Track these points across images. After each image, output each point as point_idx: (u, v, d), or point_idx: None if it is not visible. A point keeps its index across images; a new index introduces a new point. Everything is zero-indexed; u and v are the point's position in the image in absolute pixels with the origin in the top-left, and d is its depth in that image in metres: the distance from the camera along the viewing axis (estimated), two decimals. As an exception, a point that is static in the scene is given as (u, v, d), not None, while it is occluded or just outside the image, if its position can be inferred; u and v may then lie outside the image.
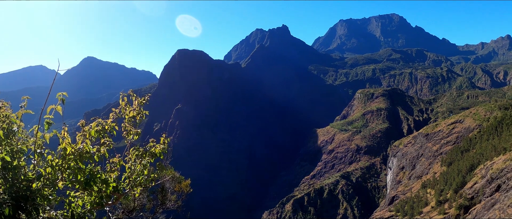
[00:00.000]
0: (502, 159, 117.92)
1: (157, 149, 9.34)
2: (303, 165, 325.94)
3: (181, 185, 16.19)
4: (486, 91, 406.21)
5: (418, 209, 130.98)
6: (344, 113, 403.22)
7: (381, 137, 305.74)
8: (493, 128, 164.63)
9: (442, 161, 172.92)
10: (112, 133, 8.65)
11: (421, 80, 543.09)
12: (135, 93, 9.94)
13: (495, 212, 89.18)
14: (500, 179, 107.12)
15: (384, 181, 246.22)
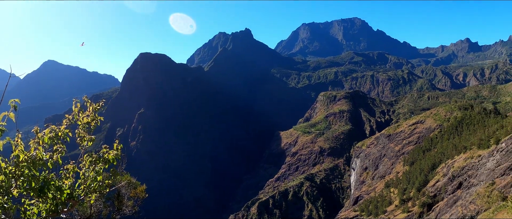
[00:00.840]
0: (462, 157, 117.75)
1: (110, 155, 9.09)
2: (267, 167, 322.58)
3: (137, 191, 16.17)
4: (446, 92, 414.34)
5: (382, 208, 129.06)
6: (307, 115, 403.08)
7: (344, 138, 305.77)
8: (453, 127, 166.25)
9: (404, 161, 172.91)
10: (65, 140, 8.57)
11: (383, 82, 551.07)
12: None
13: (457, 209, 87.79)
14: (461, 177, 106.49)
15: (348, 182, 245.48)
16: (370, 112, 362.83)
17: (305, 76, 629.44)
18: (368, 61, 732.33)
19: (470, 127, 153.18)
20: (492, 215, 58.68)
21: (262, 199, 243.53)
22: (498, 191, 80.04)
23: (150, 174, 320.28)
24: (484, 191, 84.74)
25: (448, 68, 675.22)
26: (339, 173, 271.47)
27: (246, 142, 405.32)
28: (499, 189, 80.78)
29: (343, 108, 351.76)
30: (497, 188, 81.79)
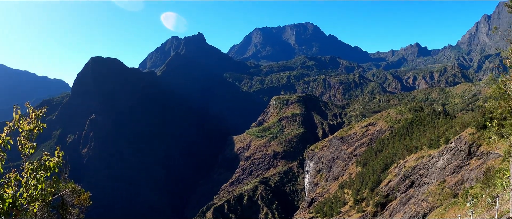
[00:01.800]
0: (414, 157, 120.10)
1: (52, 163, 8.86)
2: (222, 172, 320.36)
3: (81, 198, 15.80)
4: (396, 95, 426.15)
5: (337, 209, 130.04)
6: (260, 119, 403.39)
7: (297, 141, 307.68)
8: (404, 128, 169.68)
9: (357, 162, 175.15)
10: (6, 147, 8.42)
11: (335, 86, 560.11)
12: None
13: (410, 207, 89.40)
14: (413, 176, 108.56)
15: (302, 184, 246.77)
16: (323, 115, 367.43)
17: (258, 80, 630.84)
18: (320, 66, 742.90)
19: (421, 128, 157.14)
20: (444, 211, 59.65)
21: (217, 204, 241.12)
22: (449, 188, 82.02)
23: (102, 181, 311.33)
24: (435, 189, 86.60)
25: (399, 72, 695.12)
26: (293, 176, 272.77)
27: (199, 147, 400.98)
28: (450, 186, 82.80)
29: (296, 112, 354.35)
30: (448, 186, 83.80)
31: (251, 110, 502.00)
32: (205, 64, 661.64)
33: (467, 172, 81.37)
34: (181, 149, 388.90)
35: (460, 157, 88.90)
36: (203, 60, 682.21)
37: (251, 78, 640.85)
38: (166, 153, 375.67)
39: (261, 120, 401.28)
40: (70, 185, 15.50)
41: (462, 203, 49.33)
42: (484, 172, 66.21)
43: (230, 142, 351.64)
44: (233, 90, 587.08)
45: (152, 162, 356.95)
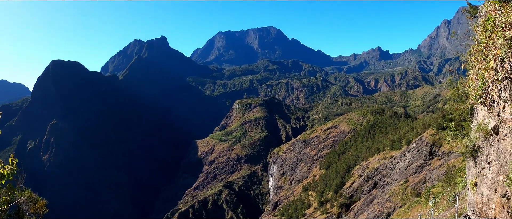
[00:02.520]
0: (376, 159, 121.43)
1: (6, 170, 8.63)
2: (185, 177, 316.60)
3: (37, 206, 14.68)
4: (358, 98, 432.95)
5: (301, 211, 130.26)
6: (223, 123, 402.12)
7: (261, 145, 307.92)
8: (366, 131, 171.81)
9: (320, 164, 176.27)
10: None
11: (297, 89, 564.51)
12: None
13: (374, 207, 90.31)
14: (376, 177, 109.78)
15: (267, 188, 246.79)
16: (286, 118, 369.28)
17: (221, 84, 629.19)
18: (283, 69, 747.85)
19: (382, 130, 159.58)
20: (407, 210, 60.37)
21: (181, 209, 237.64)
22: (411, 188, 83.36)
23: (64, 188, 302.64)
24: (398, 189, 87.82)
25: (361, 75, 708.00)
26: (257, 179, 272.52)
27: (163, 151, 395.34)
28: (412, 186, 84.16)
29: (259, 116, 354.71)
30: (410, 185, 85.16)
31: (214, 114, 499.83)
32: (168, 68, 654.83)
33: (429, 172, 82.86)
34: (144, 154, 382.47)
35: (422, 157, 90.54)
36: (166, 64, 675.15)
37: (214, 82, 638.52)
38: (129, 158, 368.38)
39: (224, 123, 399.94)
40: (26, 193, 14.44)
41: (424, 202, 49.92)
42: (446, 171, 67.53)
43: (194, 146, 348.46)
44: (196, 94, 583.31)
45: (115, 167, 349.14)
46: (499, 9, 6.83)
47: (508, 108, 6.72)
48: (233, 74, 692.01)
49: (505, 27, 6.29)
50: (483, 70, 7.63)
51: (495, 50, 6.95)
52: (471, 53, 8.54)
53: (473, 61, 8.40)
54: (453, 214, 22.76)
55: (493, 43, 7.12)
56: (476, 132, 8.40)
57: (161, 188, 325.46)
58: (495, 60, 6.95)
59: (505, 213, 7.05)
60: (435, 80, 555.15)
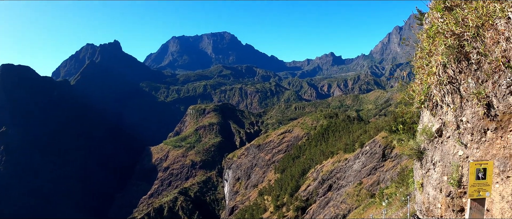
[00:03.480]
0: (330, 162, 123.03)
1: None
2: (140, 184, 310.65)
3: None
4: (312, 102, 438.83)
5: (258, 216, 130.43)
6: (177, 129, 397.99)
7: (215, 150, 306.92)
8: (320, 135, 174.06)
9: (275, 169, 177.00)
10: None
11: (251, 94, 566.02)
12: None
13: (330, 209, 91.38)
14: (330, 180, 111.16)
15: (222, 193, 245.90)
16: (240, 123, 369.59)
17: (175, 90, 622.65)
18: (236, 75, 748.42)
19: (336, 134, 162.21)
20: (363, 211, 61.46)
21: (137, 217, 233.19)
22: (366, 189, 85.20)
23: (16, 199, 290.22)
24: (353, 191, 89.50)
25: (314, 80, 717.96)
26: (213, 185, 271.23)
27: (117, 158, 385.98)
28: (367, 187, 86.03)
29: (213, 121, 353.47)
30: (365, 187, 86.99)
31: (168, 120, 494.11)
32: (121, 73, 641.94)
33: (382, 173, 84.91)
34: (97, 161, 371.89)
35: (375, 159, 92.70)
36: (119, 69, 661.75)
37: (167, 88, 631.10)
38: (82, 165, 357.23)
39: (178, 129, 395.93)
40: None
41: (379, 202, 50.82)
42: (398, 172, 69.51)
43: (148, 153, 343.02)
44: (150, 100, 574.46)
45: (68, 175, 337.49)
46: (442, 17, 7.16)
47: (450, 111, 7.05)
48: (187, 80, 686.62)
49: (447, 34, 6.60)
50: (426, 76, 7.97)
51: (437, 56, 7.27)
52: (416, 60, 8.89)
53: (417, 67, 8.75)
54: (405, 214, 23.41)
55: (435, 50, 7.46)
56: (421, 135, 8.76)
57: (116, 195, 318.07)
58: (438, 66, 7.29)
59: (450, 212, 7.39)
60: (387, 85, 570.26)
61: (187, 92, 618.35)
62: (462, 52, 6.42)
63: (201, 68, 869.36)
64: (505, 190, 5.29)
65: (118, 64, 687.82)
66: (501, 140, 5.53)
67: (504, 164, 5.32)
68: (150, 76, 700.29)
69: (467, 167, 5.38)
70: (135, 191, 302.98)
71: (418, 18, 10.53)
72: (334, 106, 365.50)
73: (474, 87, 6.14)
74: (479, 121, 6.02)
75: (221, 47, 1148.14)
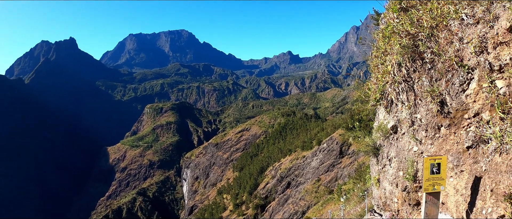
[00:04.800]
0: (288, 159, 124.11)
1: None
2: (97, 186, 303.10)
3: None
4: (269, 101, 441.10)
5: (217, 215, 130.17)
6: (134, 128, 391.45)
7: (173, 150, 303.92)
8: (278, 132, 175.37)
9: (234, 167, 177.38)
10: None
11: (209, 93, 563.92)
12: None
13: (289, 206, 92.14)
14: (289, 177, 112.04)
15: (181, 193, 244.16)
16: (197, 122, 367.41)
17: (131, 88, 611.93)
18: (194, 73, 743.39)
19: (294, 131, 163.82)
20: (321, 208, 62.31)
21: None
22: (324, 186, 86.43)
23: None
24: (311, 188, 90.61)
25: (271, 78, 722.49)
26: (171, 185, 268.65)
27: (73, 160, 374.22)
28: (325, 184, 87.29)
29: (170, 120, 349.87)
30: (323, 184, 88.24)
31: (125, 119, 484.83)
32: (77, 71, 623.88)
33: (340, 170, 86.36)
34: (53, 164, 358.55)
35: (333, 156, 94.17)
36: (75, 67, 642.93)
37: (124, 86, 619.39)
38: (38, 168, 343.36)
39: (136, 129, 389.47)
40: None
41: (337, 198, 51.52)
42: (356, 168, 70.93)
43: (105, 153, 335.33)
44: (106, 99, 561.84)
45: (23, 179, 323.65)
46: (398, 18, 7.34)
47: (405, 109, 7.25)
48: (144, 78, 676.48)
49: (402, 34, 6.76)
50: (382, 74, 8.16)
51: (392, 55, 7.46)
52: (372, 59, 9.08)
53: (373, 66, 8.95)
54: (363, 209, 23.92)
55: (391, 49, 7.64)
56: (377, 132, 8.98)
57: (73, 198, 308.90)
58: (393, 65, 7.47)
59: (407, 205, 7.61)
60: (343, 83, 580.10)
61: (144, 91, 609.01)
62: (417, 52, 6.56)
63: (159, 66, 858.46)
64: (459, 183, 5.44)
65: (74, 62, 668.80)
66: (455, 135, 5.72)
67: (458, 159, 5.44)
68: (107, 74, 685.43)
69: (422, 162, 5.57)
70: (93, 193, 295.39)
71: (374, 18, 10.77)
72: (291, 104, 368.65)
73: (428, 86, 6.31)
74: (433, 118, 6.20)
75: (178, 45, 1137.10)
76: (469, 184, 5.06)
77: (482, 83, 4.73)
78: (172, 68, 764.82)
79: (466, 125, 5.42)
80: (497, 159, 4.38)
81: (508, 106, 4.18)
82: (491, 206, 4.45)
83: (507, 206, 4.12)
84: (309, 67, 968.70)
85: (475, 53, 5.00)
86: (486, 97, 4.70)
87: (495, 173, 4.38)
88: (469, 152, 5.21)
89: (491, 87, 4.55)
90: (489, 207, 4.48)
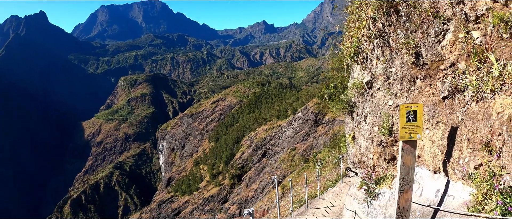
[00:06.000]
0: (264, 129, 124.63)
1: None
2: (73, 162, 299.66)
3: None
4: (244, 70, 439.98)
5: (195, 186, 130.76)
6: (109, 102, 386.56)
7: (148, 122, 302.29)
8: (253, 102, 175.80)
9: (209, 138, 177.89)
10: None
11: (183, 64, 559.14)
12: None
13: (265, 175, 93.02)
14: (265, 146, 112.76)
15: (158, 165, 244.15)
16: (172, 93, 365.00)
17: (104, 61, 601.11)
18: (168, 44, 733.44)
19: (269, 101, 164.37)
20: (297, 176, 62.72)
21: (73, 196, 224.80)
22: (299, 155, 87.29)
23: None
24: (287, 157, 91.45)
25: (246, 48, 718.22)
26: (148, 157, 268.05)
27: (48, 137, 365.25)
28: (300, 153, 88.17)
29: (145, 92, 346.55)
30: (298, 152, 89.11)
31: (99, 93, 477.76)
32: (48, 46, 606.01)
33: (315, 139, 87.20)
34: (28, 143, 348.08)
35: (308, 125, 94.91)
36: (46, 41, 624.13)
37: (97, 59, 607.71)
38: (12, 149, 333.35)
39: (110, 102, 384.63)
40: None
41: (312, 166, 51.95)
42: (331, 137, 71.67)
43: (79, 128, 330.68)
44: (79, 73, 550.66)
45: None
46: (372, -29, 7.15)
47: (380, 64, 7.14)
48: (117, 50, 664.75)
49: (376, -12, 6.60)
50: (356, 29, 8.00)
51: (367, 10, 7.29)
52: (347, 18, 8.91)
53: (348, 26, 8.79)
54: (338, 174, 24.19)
55: (366, 4, 7.47)
56: (352, 89, 8.88)
57: (50, 175, 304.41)
58: (368, 19, 7.31)
59: (382, 161, 7.57)
60: (318, 53, 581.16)
61: (117, 63, 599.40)
62: (392, 5, 6.44)
63: (132, 38, 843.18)
64: (435, 135, 5.41)
65: (45, 37, 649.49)
66: (430, 87, 5.66)
67: (434, 110, 5.40)
68: (79, 48, 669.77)
69: (397, 116, 5.46)
70: (70, 169, 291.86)
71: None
72: (266, 74, 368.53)
73: (403, 38, 6.18)
74: (408, 70, 6.11)
75: (152, 16, 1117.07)
76: (445, 135, 5.10)
77: (458, 34, 4.73)
78: (146, 39, 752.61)
79: (442, 76, 5.35)
80: (474, 107, 4.41)
81: (484, 56, 4.10)
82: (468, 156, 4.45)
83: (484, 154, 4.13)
84: (284, 37, 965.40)
85: (451, 4, 5.02)
86: (462, 48, 4.74)
87: (472, 122, 4.40)
88: (445, 102, 5.18)
89: (467, 38, 4.52)
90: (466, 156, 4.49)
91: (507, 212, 3.31)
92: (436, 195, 5.33)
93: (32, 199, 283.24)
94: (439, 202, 5.16)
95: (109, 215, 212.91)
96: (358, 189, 8.87)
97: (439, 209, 4.96)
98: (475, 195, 4.03)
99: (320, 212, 13.57)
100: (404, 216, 5.03)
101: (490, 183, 3.99)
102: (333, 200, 16.07)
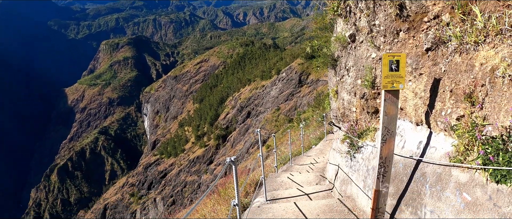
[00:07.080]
0: (248, 89, 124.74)
1: None
2: (58, 129, 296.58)
3: None
4: (228, 31, 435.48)
5: (180, 148, 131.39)
6: (91, 67, 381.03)
7: (132, 85, 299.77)
8: (236, 63, 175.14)
9: (194, 99, 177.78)
10: None
11: (165, 25, 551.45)
12: None
13: (250, 136, 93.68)
14: (249, 107, 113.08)
15: (143, 128, 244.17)
16: (155, 56, 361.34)
17: (85, 25, 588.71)
18: (150, 5, 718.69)
19: (253, 61, 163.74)
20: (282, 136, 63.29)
21: (60, 164, 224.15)
22: (284, 114, 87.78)
23: None
24: (271, 117, 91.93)
25: (229, 8, 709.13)
26: (132, 121, 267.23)
27: (30, 106, 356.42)
28: (285, 113, 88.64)
29: (127, 55, 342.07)
30: (282, 112, 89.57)
31: (81, 58, 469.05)
32: (26, 13, 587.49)
33: (299, 99, 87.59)
34: (10, 113, 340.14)
35: (292, 85, 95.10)
36: (24, 8, 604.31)
37: (77, 24, 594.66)
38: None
39: (92, 67, 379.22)
40: None
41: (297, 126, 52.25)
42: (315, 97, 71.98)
43: (62, 95, 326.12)
44: (60, 39, 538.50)
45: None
46: None
47: (363, 17, 7.06)
48: (98, 14, 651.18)
49: None
50: (340, -19, 7.88)
51: (350, -39, 7.16)
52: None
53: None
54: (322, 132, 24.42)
55: (349, -45, 7.33)
56: (335, 42, 8.82)
57: (35, 145, 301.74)
58: (351, -29, 7.18)
59: (365, 114, 7.61)
60: (303, 13, 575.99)
61: (98, 27, 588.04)
62: (375, -44, 6.35)
63: (113, 0, 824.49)
64: (418, 86, 5.41)
65: (23, 4, 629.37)
66: (414, 39, 5.58)
67: (417, 62, 5.39)
68: (58, 13, 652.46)
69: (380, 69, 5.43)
70: (55, 137, 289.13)
71: None
72: (250, 34, 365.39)
73: (387, -11, 6.06)
74: (392, 22, 6.01)
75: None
76: (428, 87, 5.11)
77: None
78: (127, 1, 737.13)
79: (426, 28, 5.27)
80: (457, 59, 4.40)
81: (468, 8, 4.34)
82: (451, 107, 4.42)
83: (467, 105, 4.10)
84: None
85: (437, -45, 5.01)
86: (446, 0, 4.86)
87: (455, 73, 4.37)
88: (428, 54, 5.14)
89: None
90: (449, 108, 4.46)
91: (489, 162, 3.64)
92: (419, 147, 5.34)
93: (19, 170, 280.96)
94: (421, 154, 5.15)
95: (96, 181, 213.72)
96: (341, 142, 8.95)
97: (421, 160, 4.99)
98: (457, 146, 4.28)
99: (304, 168, 13.79)
100: (386, 166, 5.05)
101: (472, 133, 4.02)
102: (317, 157, 16.31)
